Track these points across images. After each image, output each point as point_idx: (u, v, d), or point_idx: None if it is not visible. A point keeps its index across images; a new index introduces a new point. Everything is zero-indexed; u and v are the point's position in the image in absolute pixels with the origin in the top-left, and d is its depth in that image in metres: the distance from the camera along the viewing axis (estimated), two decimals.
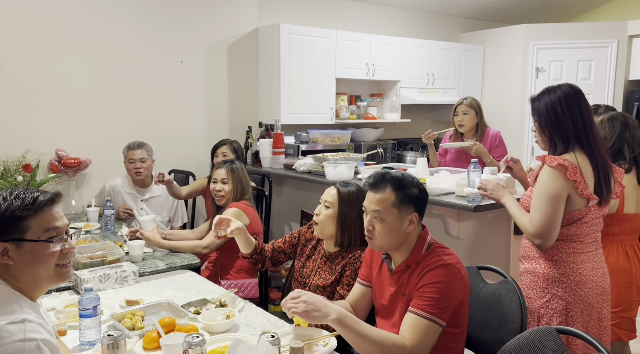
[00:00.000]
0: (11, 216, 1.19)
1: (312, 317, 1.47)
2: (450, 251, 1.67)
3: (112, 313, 1.80)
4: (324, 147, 4.30)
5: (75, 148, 3.51)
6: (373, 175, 1.69)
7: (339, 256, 2.03)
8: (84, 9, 3.51)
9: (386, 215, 1.62)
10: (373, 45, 4.75)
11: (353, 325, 1.48)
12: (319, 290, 2.02)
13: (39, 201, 1.24)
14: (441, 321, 1.54)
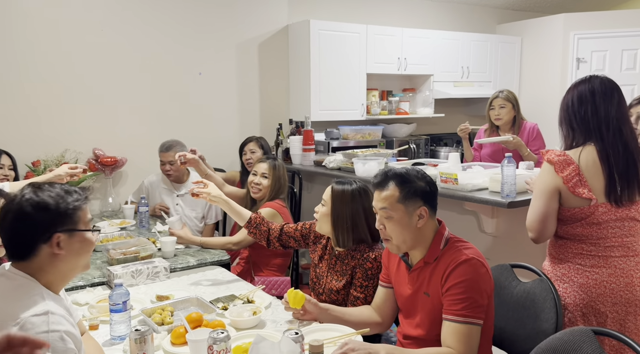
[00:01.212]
0: (67, 209, 1.26)
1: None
2: (469, 245, 1.64)
3: (143, 308, 1.83)
4: (355, 144, 4.27)
5: (112, 147, 3.61)
6: (377, 174, 1.68)
7: (348, 256, 1.98)
8: (118, 10, 3.60)
9: (393, 211, 1.60)
10: (405, 39, 4.67)
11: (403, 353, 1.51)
12: (333, 293, 2.00)
13: (84, 195, 1.32)
14: (479, 320, 1.52)
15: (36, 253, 1.24)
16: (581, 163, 1.74)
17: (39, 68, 3.36)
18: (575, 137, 1.79)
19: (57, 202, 1.25)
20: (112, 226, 3.05)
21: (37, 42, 3.34)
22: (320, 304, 1.77)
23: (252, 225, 2.24)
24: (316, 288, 2.10)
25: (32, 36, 3.32)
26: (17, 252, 1.25)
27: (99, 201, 3.63)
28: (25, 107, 3.33)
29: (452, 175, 2.65)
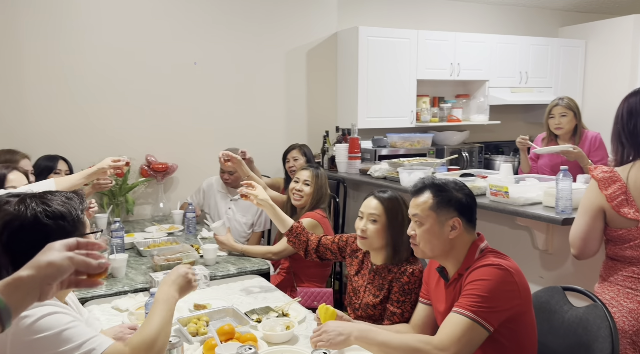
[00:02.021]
0: (78, 214, 1.23)
1: (338, 344, 1.49)
2: (506, 256, 1.55)
3: (179, 316, 1.85)
4: (404, 152, 4.17)
5: (164, 153, 3.72)
6: (416, 182, 1.68)
7: (385, 270, 1.94)
8: (170, 20, 3.71)
9: (424, 218, 1.58)
10: (458, 43, 4.53)
11: (374, 337, 1.48)
12: (369, 308, 1.95)
13: (83, 198, 1.28)
14: (485, 323, 1.42)
15: None
16: (629, 180, 1.62)
17: (96, 78, 3.52)
18: (625, 152, 1.70)
19: (69, 209, 1.20)
20: (160, 231, 3.13)
21: (95, 53, 3.50)
22: (353, 322, 1.72)
23: (293, 234, 2.24)
24: (353, 302, 2.05)
25: (90, 48, 3.48)
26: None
27: (150, 206, 3.76)
28: (82, 116, 3.50)
29: (503, 188, 2.52)
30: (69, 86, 3.45)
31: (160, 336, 1.20)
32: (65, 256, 0.85)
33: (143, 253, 2.65)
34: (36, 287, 0.81)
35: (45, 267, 0.82)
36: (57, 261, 0.83)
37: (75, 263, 0.85)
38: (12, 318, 0.79)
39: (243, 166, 2.88)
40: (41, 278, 0.82)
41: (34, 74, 3.34)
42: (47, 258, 0.84)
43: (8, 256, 1.14)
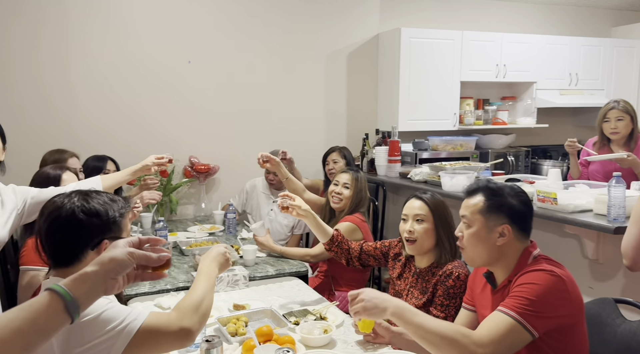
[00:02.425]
0: (115, 216, 1.28)
1: (372, 314, 1.46)
2: (560, 265, 1.48)
3: (219, 316, 1.87)
4: (446, 155, 4.09)
5: (206, 155, 3.80)
6: (471, 183, 1.64)
7: (429, 273, 1.90)
8: (211, 25, 3.78)
9: (472, 221, 1.53)
10: (504, 44, 4.41)
11: (410, 317, 1.41)
12: None
13: (127, 204, 1.34)
14: (530, 326, 1.35)
15: (82, 259, 1.23)
16: None
17: (142, 81, 3.64)
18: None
19: (107, 210, 1.25)
20: (202, 231, 3.20)
21: (141, 56, 3.61)
22: (392, 328, 1.69)
23: (334, 243, 2.21)
24: None
25: (136, 51, 3.60)
26: (63, 258, 1.23)
27: (192, 206, 3.84)
28: (129, 118, 3.62)
29: (551, 194, 2.42)
30: (115, 88, 3.57)
31: (205, 301, 1.26)
32: (127, 251, 0.91)
33: (185, 252, 2.70)
34: (100, 281, 0.87)
35: (108, 263, 0.89)
36: (119, 257, 0.89)
37: (136, 258, 0.91)
38: (80, 310, 0.84)
39: (281, 167, 2.89)
40: (104, 273, 0.87)
41: (82, 76, 3.48)
42: (110, 254, 0.90)
43: (48, 244, 1.24)
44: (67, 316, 0.82)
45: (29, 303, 0.82)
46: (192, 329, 1.18)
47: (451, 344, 1.34)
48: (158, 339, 1.14)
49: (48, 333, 0.81)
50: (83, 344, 1.08)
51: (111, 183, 2.23)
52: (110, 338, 1.08)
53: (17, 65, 3.31)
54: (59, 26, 3.38)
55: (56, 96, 3.42)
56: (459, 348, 1.33)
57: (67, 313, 0.82)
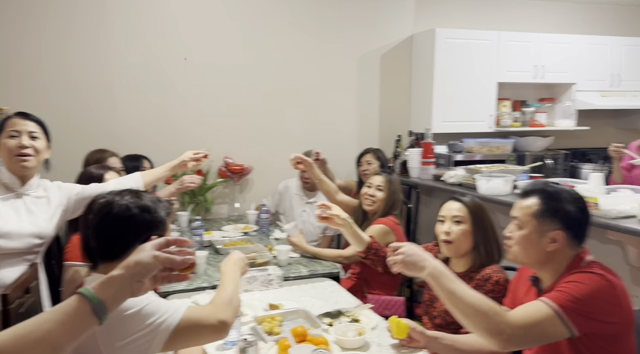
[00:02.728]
0: (162, 215, 1.32)
1: (409, 269, 1.45)
2: (613, 272, 1.42)
3: (255, 315, 1.90)
4: (481, 158, 4.01)
5: (240, 155, 3.85)
6: (529, 183, 1.60)
7: (466, 277, 1.85)
8: (246, 27, 3.83)
9: (524, 223, 1.48)
10: (543, 45, 4.31)
11: (447, 282, 1.39)
12: (448, 315, 1.87)
13: (170, 205, 1.41)
14: (569, 321, 1.30)
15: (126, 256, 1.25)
16: None
17: (178, 83, 3.71)
18: None
19: (156, 207, 1.31)
20: (236, 231, 3.24)
21: (177, 61, 3.69)
22: (427, 333, 1.67)
23: (371, 251, 2.19)
24: (429, 311, 2.00)
25: (172, 54, 3.68)
26: (111, 253, 1.25)
27: (227, 206, 3.90)
28: (166, 119, 3.70)
29: (592, 199, 2.35)
30: (153, 90, 3.65)
31: (234, 297, 1.36)
32: (152, 255, 0.93)
33: (220, 251, 2.75)
34: (126, 284, 0.90)
35: (134, 266, 0.91)
36: (144, 260, 0.92)
37: (161, 261, 0.93)
38: (108, 313, 0.87)
39: (314, 169, 2.89)
40: (130, 275, 0.90)
41: (119, 79, 3.57)
42: (135, 257, 0.93)
43: (97, 239, 1.27)
44: (95, 319, 0.85)
45: (60, 306, 0.86)
46: (227, 322, 1.24)
47: (482, 317, 1.32)
48: (196, 331, 1.18)
49: (77, 334, 0.84)
50: (125, 338, 1.12)
51: (150, 179, 2.28)
52: (151, 331, 1.13)
53: (59, 68, 3.43)
54: (99, 28, 3.48)
55: (96, 98, 3.53)
56: (489, 323, 1.32)
57: (95, 316, 0.85)
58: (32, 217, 1.89)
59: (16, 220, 1.85)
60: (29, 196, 1.92)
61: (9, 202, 1.87)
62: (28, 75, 3.35)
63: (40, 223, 1.90)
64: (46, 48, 3.38)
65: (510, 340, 1.31)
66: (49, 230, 1.92)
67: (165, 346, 1.14)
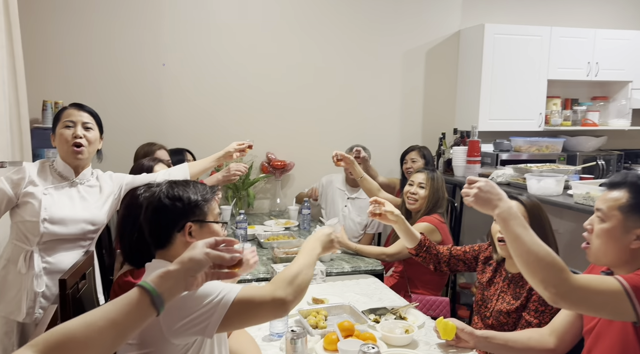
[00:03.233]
0: (197, 201, 1.35)
1: (481, 204, 1.38)
2: None
3: (300, 308, 1.89)
4: (529, 157, 3.88)
5: (283, 151, 3.86)
6: (615, 176, 1.47)
7: (522, 278, 1.78)
8: (291, 22, 3.83)
9: (608, 217, 1.39)
10: (597, 41, 4.12)
11: (515, 226, 1.32)
12: (502, 315, 1.81)
13: (212, 191, 1.41)
14: (638, 304, 1.23)
15: (172, 242, 1.32)
16: None
17: (222, 80, 3.75)
18: None
19: (189, 195, 1.34)
20: (277, 226, 3.25)
21: (221, 56, 3.73)
22: (477, 333, 1.62)
23: (423, 248, 2.14)
24: (481, 311, 1.94)
25: (218, 52, 3.72)
26: (158, 241, 1.33)
27: (268, 201, 3.92)
28: (210, 115, 3.75)
29: None
30: (198, 88, 3.71)
31: (301, 275, 1.29)
32: (204, 252, 1.00)
33: (264, 245, 2.76)
34: (181, 279, 0.97)
35: (187, 262, 0.98)
36: (197, 257, 0.99)
37: (212, 258, 1.00)
38: (165, 304, 0.94)
39: (355, 166, 2.88)
40: (184, 271, 0.97)
41: (167, 75, 3.64)
42: (189, 254, 1.00)
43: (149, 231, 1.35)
44: (153, 309, 0.92)
45: (122, 297, 0.92)
46: (285, 300, 1.21)
47: (543, 267, 1.27)
48: (252, 309, 1.19)
49: (137, 324, 0.91)
50: (184, 318, 1.15)
51: (197, 169, 2.32)
52: (208, 310, 1.15)
53: (111, 65, 3.53)
54: (149, 27, 3.56)
55: (143, 95, 3.61)
56: (548, 274, 1.26)
57: (154, 307, 0.92)
58: (85, 204, 1.95)
59: (70, 207, 1.91)
60: (82, 185, 1.98)
61: (63, 191, 1.93)
62: (81, 70, 3.47)
63: (92, 210, 1.95)
64: (99, 45, 3.48)
65: (564, 296, 1.26)
66: (101, 217, 1.98)
67: (222, 324, 1.15)
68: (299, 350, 1.48)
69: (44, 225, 1.83)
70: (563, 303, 1.28)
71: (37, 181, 1.88)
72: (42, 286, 1.85)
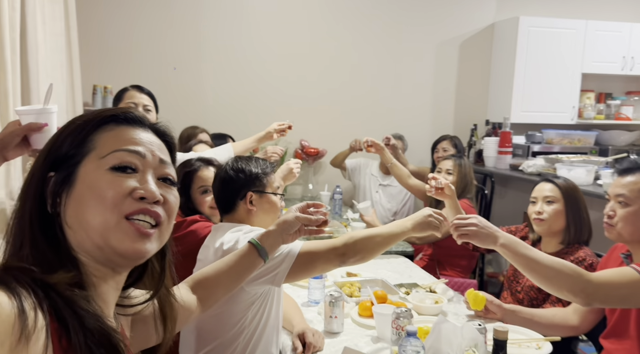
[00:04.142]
0: (258, 174, 1.55)
1: (483, 240, 1.42)
2: None
3: (335, 280, 2.01)
4: (560, 149, 3.90)
5: (316, 139, 3.99)
6: (626, 161, 1.59)
7: (559, 256, 1.84)
8: (325, 13, 3.94)
9: (631, 200, 1.48)
10: (633, 35, 4.10)
11: (523, 250, 1.39)
12: (533, 290, 1.89)
13: (271, 166, 1.61)
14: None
15: (236, 209, 1.54)
16: None
17: (261, 70, 3.90)
18: None
19: (251, 168, 1.55)
20: None
21: (258, 47, 3.87)
22: (505, 306, 1.71)
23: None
24: (512, 286, 2.02)
25: (256, 43, 3.87)
26: (224, 207, 1.57)
27: (301, 187, 4.06)
28: (249, 104, 3.91)
29: None
30: (240, 77, 3.86)
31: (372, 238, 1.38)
32: (294, 215, 1.24)
33: None
34: (279, 236, 1.21)
35: (282, 223, 1.23)
36: (289, 219, 1.23)
37: (301, 220, 1.23)
38: (269, 255, 1.19)
39: (386, 153, 2.99)
40: (280, 230, 1.22)
41: (210, 62, 3.81)
42: (284, 217, 1.24)
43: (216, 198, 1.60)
44: (260, 259, 1.18)
45: (239, 250, 1.18)
46: (344, 253, 1.34)
47: (564, 278, 1.34)
48: (315, 259, 1.35)
49: (249, 270, 1.18)
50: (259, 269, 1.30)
51: (240, 149, 2.48)
52: (278, 261, 1.32)
53: (156, 53, 3.72)
54: (193, 17, 3.73)
55: (187, 81, 3.79)
56: (571, 282, 1.34)
57: (260, 257, 1.18)
58: None
59: None
60: None
61: None
62: (128, 57, 3.66)
63: None
64: (144, 34, 3.67)
65: (594, 296, 1.34)
66: None
67: (290, 274, 1.32)
68: (337, 312, 1.61)
69: None
70: (596, 303, 1.37)
71: None
72: None
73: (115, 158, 0.73)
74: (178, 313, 0.90)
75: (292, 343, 1.52)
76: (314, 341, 1.50)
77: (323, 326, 1.64)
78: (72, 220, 0.71)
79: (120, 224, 0.71)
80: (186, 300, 1.04)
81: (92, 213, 0.70)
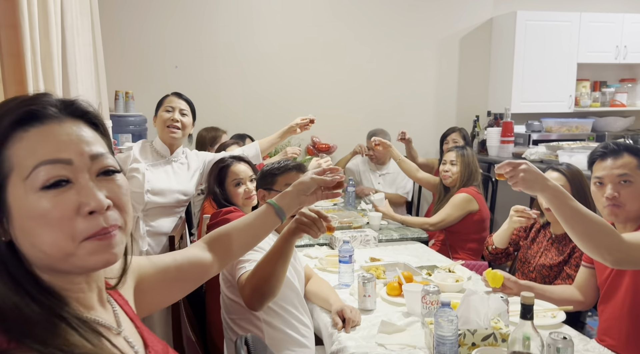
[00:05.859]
0: (269, 173, 1.76)
1: (530, 185, 1.40)
2: None
3: (361, 265, 2.20)
4: (559, 137, 4.10)
5: (326, 135, 4.17)
6: (602, 146, 1.68)
7: (567, 238, 2.01)
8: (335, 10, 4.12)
9: (634, 177, 1.58)
10: (626, 25, 4.29)
11: (569, 201, 1.38)
12: (545, 269, 2.07)
13: (286, 164, 1.78)
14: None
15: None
16: None
17: (274, 71, 4.08)
18: None
19: (264, 167, 1.77)
20: (325, 202, 3.56)
21: (272, 49, 4.05)
22: (520, 282, 1.89)
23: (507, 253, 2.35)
24: (523, 267, 2.19)
25: (270, 46, 4.04)
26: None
27: None
28: (264, 102, 4.08)
29: None
30: (255, 76, 4.04)
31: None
32: (310, 176, 1.26)
33: None
34: (295, 197, 1.23)
35: (298, 184, 1.25)
36: (305, 180, 1.25)
37: (316, 181, 1.25)
38: (285, 215, 1.22)
39: (393, 150, 3.20)
40: (297, 191, 1.24)
41: (227, 64, 3.99)
42: (300, 179, 1.27)
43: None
44: (277, 218, 1.21)
45: (254, 211, 1.22)
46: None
47: (604, 234, 1.36)
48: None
49: (266, 228, 1.21)
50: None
51: (265, 146, 2.68)
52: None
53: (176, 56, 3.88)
54: (210, 22, 3.90)
55: (204, 84, 3.96)
56: (610, 240, 1.36)
57: (277, 216, 1.21)
58: (178, 179, 2.29)
59: (166, 181, 2.26)
60: (175, 162, 2.33)
61: (160, 167, 2.28)
62: (149, 64, 3.83)
63: (184, 183, 2.30)
64: (163, 41, 3.84)
65: (627, 257, 1.38)
66: (191, 188, 2.33)
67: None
68: (370, 291, 1.79)
69: (147, 195, 2.18)
70: (627, 264, 1.42)
71: (140, 158, 2.23)
72: (145, 246, 2.21)
73: (40, 175, 0.64)
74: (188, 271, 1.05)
75: (331, 320, 1.71)
76: (353, 317, 1.67)
77: (357, 304, 1.83)
78: (28, 250, 0.66)
79: (81, 246, 0.66)
80: (199, 258, 1.09)
81: (46, 242, 0.64)
